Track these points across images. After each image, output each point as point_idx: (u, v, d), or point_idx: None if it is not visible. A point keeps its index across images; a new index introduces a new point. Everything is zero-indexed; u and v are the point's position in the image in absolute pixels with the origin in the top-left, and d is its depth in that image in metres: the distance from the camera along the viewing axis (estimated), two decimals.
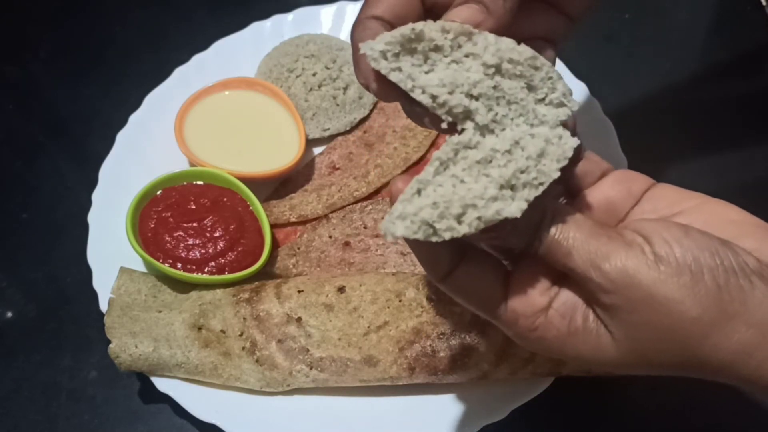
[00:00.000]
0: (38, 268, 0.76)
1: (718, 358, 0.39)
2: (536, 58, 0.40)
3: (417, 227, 0.38)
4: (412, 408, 0.63)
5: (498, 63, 0.39)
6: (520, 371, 0.61)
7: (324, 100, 0.80)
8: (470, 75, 0.39)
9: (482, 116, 0.39)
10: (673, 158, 0.79)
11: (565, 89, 0.41)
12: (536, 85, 0.40)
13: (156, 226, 0.70)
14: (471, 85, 0.39)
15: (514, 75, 0.40)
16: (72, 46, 0.93)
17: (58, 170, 0.82)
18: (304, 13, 0.88)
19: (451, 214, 0.38)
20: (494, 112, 0.40)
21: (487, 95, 0.40)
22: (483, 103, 0.40)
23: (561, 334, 0.42)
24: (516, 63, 0.40)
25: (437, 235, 0.38)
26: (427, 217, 0.38)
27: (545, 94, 0.41)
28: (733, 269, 0.39)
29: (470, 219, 0.38)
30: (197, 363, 0.63)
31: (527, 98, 0.40)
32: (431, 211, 0.38)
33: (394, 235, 0.38)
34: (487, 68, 0.40)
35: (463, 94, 0.39)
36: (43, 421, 0.67)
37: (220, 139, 0.77)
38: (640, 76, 0.86)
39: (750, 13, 0.92)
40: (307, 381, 0.63)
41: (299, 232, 0.75)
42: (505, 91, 0.40)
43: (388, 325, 0.63)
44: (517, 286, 0.42)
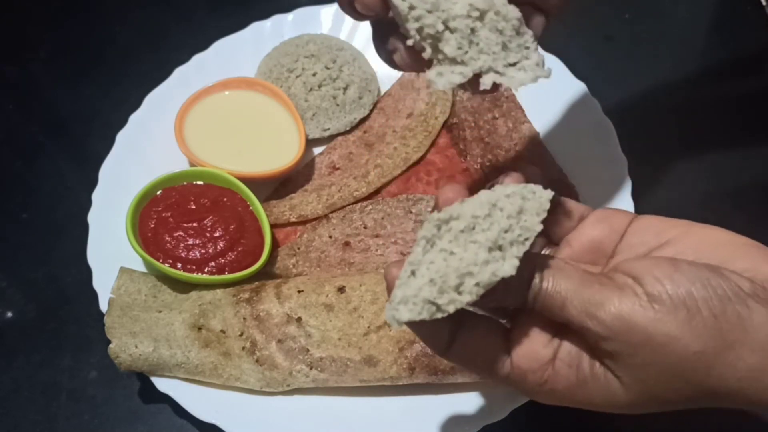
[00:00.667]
0: (38, 268, 0.76)
1: (727, 386, 0.40)
2: (522, 23, 0.40)
3: (420, 308, 0.38)
4: (412, 408, 0.63)
5: (485, 9, 0.39)
6: None
7: (324, 100, 0.80)
8: (454, 7, 0.39)
9: (450, 48, 0.39)
10: (673, 158, 0.79)
11: (539, 59, 0.40)
12: (511, 47, 0.40)
13: (156, 226, 0.70)
14: (451, 16, 0.39)
15: (494, 28, 0.40)
16: (72, 46, 0.93)
17: (58, 170, 0.82)
18: (304, 13, 0.88)
19: (450, 287, 0.38)
20: (462, 51, 0.40)
21: (462, 32, 0.39)
22: (455, 37, 0.39)
23: (571, 384, 0.42)
24: (502, 18, 0.39)
25: (441, 310, 0.38)
26: (428, 296, 0.38)
27: (516, 60, 0.40)
28: (727, 296, 0.39)
29: (469, 287, 0.38)
30: (197, 363, 0.63)
31: (498, 55, 0.40)
32: (430, 288, 0.38)
33: (400, 321, 0.38)
34: (472, 9, 0.39)
35: (440, 19, 0.39)
36: (43, 421, 0.67)
37: (220, 139, 0.77)
38: (640, 76, 0.86)
39: (750, 13, 0.92)
40: (307, 381, 0.63)
41: (299, 232, 0.75)
42: (481, 38, 0.40)
43: (388, 325, 0.63)
44: (519, 342, 0.42)
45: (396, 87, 0.83)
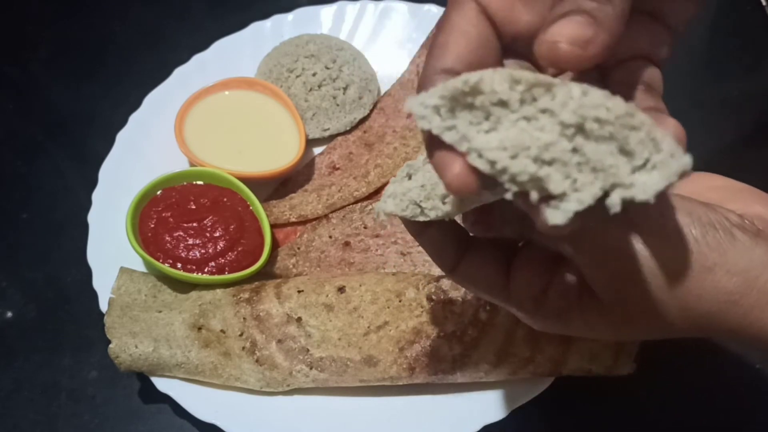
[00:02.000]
0: (38, 268, 0.75)
1: (704, 309, 0.40)
2: (633, 115, 0.31)
3: (405, 205, 0.40)
4: (412, 408, 0.63)
5: (580, 122, 0.30)
6: (520, 371, 0.61)
7: (324, 100, 0.80)
8: (542, 135, 0.31)
9: (555, 184, 0.31)
10: None
11: (671, 148, 0.31)
12: (632, 149, 0.31)
13: (156, 226, 0.70)
14: (542, 148, 0.31)
15: (601, 137, 0.31)
16: (72, 46, 0.93)
17: (57, 170, 0.82)
18: (304, 13, 0.88)
19: (437, 195, 0.39)
20: (572, 179, 0.31)
21: (562, 160, 0.31)
22: (558, 169, 0.31)
23: (563, 312, 0.43)
24: (604, 122, 0.30)
25: (424, 214, 0.40)
26: (415, 197, 0.40)
27: (645, 160, 0.31)
28: (711, 224, 0.39)
29: (454, 200, 0.39)
30: (197, 363, 0.63)
31: (619, 164, 0.31)
32: (419, 191, 0.40)
33: (384, 211, 0.40)
34: (565, 128, 0.31)
35: (529, 159, 0.31)
36: (43, 421, 0.67)
37: (220, 139, 0.77)
38: None
39: (750, 13, 0.92)
40: (307, 381, 0.63)
41: (299, 232, 0.75)
42: (589, 156, 0.31)
43: (388, 325, 0.63)
44: (517, 271, 0.44)
45: (396, 87, 0.83)
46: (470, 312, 0.62)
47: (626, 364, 0.60)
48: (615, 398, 0.64)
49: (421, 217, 0.40)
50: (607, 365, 0.60)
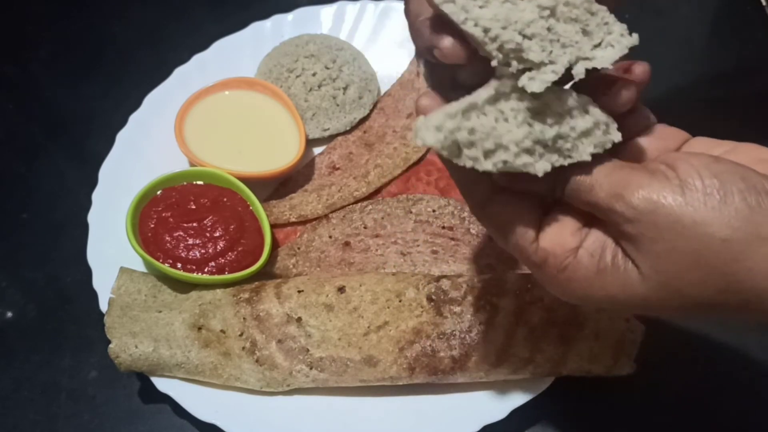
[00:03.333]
0: (38, 268, 0.75)
1: (755, 283, 0.37)
2: (591, 2, 0.39)
3: (447, 144, 0.39)
4: (412, 408, 0.63)
5: (553, 5, 0.39)
6: (520, 371, 0.61)
7: (324, 100, 0.80)
8: (524, 14, 0.38)
9: (534, 54, 0.39)
10: None
11: (621, 29, 0.40)
12: (592, 30, 0.39)
13: (156, 226, 0.70)
14: (525, 24, 0.38)
15: (569, 18, 0.39)
16: (72, 45, 0.93)
17: (57, 170, 0.82)
18: (304, 13, 0.88)
19: (482, 147, 0.39)
20: (546, 52, 0.39)
21: (540, 35, 0.39)
22: (536, 43, 0.39)
23: (589, 274, 0.41)
24: (572, 5, 0.39)
25: (460, 159, 0.39)
26: (461, 139, 0.39)
27: (601, 39, 0.40)
28: (766, 191, 0.37)
29: (497, 159, 0.39)
30: (197, 363, 0.63)
31: (581, 42, 0.39)
32: (467, 135, 0.39)
33: (424, 141, 0.39)
34: (542, 9, 0.39)
35: (516, 31, 0.38)
36: (43, 421, 0.67)
37: (220, 139, 0.77)
38: None
39: (750, 13, 0.92)
40: (307, 381, 0.63)
41: (299, 232, 0.75)
42: (560, 33, 0.39)
43: (388, 325, 0.63)
44: (549, 226, 0.42)
45: (396, 87, 0.83)
46: (470, 312, 0.62)
47: (626, 364, 0.60)
48: (615, 398, 0.64)
49: (455, 160, 0.39)
50: (607, 366, 0.60)
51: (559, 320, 0.61)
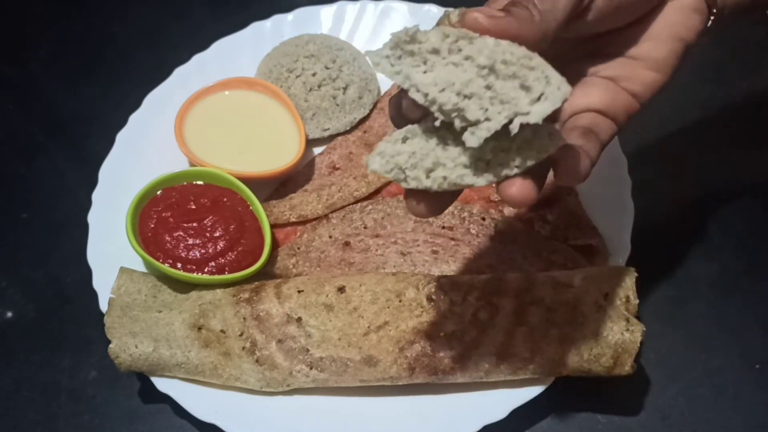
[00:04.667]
0: (38, 268, 0.76)
1: None
2: (530, 57, 0.40)
3: (390, 167, 0.42)
4: (412, 408, 0.63)
5: (491, 64, 0.40)
6: (520, 371, 0.61)
7: (324, 100, 0.80)
8: (463, 75, 0.40)
9: (472, 113, 0.40)
10: (673, 158, 0.79)
11: (558, 82, 0.40)
12: (530, 84, 0.40)
13: (156, 226, 0.70)
14: (463, 84, 0.40)
15: (507, 75, 0.40)
16: (72, 46, 0.93)
17: (58, 170, 0.82)
18: (304, 13, 0.88)
19: (423, 167, 0.42)
20: (484, 110, 0.40)
21: (479, 94, 0.40)
22: (474, 102, 0.40)
23: None
24: (509, 63, 0.40)
25: (405, 181, 0.42)
26: (402, 162, 0.42)
27: (541, 92, 0.40)
28: None
29: (437, 176, 0.42)
30: (197, 363, 0.63)
31: (520, 96, 0.40)
32: (408, 158, 0.42)
33: (371, 167, 0.43)
34: (480, 69, 0.40)
35: (453, 93, 0.40)
36: (43, 420, 0.67)
37: (220, 139, 0.77)
38: None
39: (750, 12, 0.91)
40: (307, 381, 0.63)
41: (299, 232, 0.75)
42: (498, 90, 0.40)
43: (388, 325, 0.63)
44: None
45: (396, 87, 0.83)
46: (470, 312, 0.62)
47: (626, 364, 0.60)
48: (615, 398, 0.64)
49: (402, 184, 0.43)
50: (607, 366, 0.60)
51: (559, 320, 0.61)
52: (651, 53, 0.50)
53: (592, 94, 0.50)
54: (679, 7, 0.50)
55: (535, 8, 0.43)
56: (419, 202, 0.44)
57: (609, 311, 0.61)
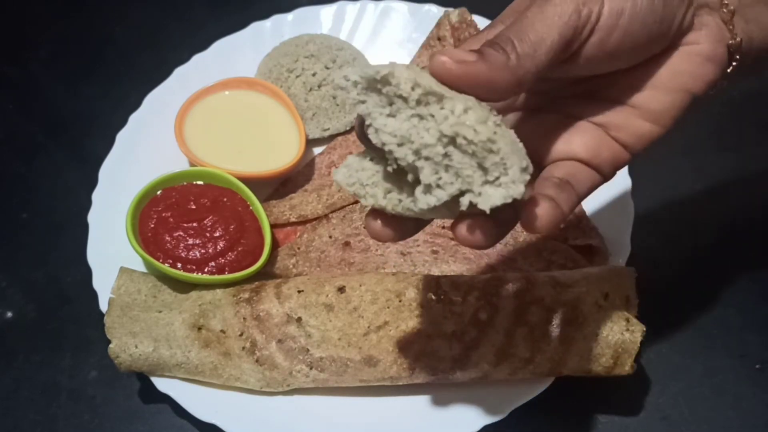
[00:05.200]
0: (38, 268, 0.76)
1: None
2: (494, 141, 0.38)
3: (353, 181, 0.42)
4: (412, 408, 0.63)
5: (453, 136, 0.38)
6: (520, 371, 0.61)
7: (324, 100, 0.80)
8: (425, 136, 0.39)
9: (426, 176, 0.39)
10: (673, 158, 0.79)
11: (516, 176, 0.38)
12: (488, 167, 0.38)
13: (156, 226, 0.70)
14: (422, 146, 0.39)
15: (467, 152, 0.38)
16: (72, 46, 0.93)
17: (57, 170, 0.82)
18: (304, 13, 0.88)
19: (382, 187, 0.42)
20: (438, 177, 0.39)
21: (435, 161, 0.39)
22: (429, 166, 0.39)
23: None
24: (471, 143, 0.38)
25: (364, 198, 0.42)
26: (364, 179, 0.42)
27: (496, 177, 0.38)
28: None
29: (393, 197, 0.41)
30: (197, 363, 0.63)
31: (475, 176, 0.39)
32: (370, 175, 0.42)
33: (334, 177, 0.43)
34: (442, 136, 0.38)
35: (410, 151, 0.39)
36: (43, 421, 0.67)
37: (220, 139, 0.77)
38: None
39: None
40: (307, 381, 0.63)
41: (299, 232, 0.75)
42: (455, 163, 0.39)
43: (388, 325, 0.63)
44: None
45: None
46: (470, 312, 0.62)
47: (626, 364, 0.60)
48: (615, 398, 0.64)
49: (361, 200, 0.42)
50: (607, 365, 0.60)
51: (559, 320, 0.61)
52: (650, 103, 0.45)
53: (575, 141, 0.46)
54: (690, 55, 0.45)
55: (514, 51, 0.39)
56: (376, 219, 0.42)
57: (609, 311, 0.61)
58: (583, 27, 0.41)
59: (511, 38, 0.40)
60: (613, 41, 0.42)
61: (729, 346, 0.67)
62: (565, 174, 0.45)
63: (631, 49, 0.43)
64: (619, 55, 0.43)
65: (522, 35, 0.40)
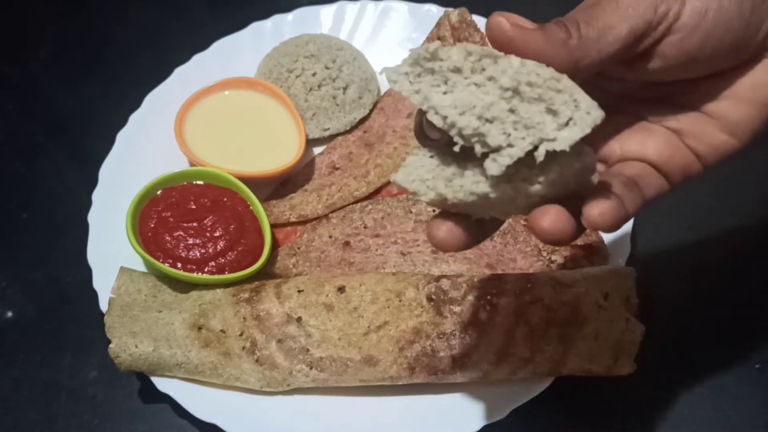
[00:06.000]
0: (38, 267, 0.75)
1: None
2: (558, 79, 0.36)
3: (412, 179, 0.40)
4: (412, 408, 0.63)
5: (515, 86, 0.36)
6: (520, 371, 0.61)
7: (324, 100, 0.80)
8: (485, 97, 0.37)
9: (493, 138, 0.37)
10: None
11: (589, 106, 0.36)
12: (557, 108, 0.36)
13: (156, 226, 0.70)
14: (484, 108, 0.37)
15: (532, 98, 0.37)
16: (72, 46, 0.93)
17: (58, 170, 0.82)
18: (304, 12, 0.88)
19: (443, 177, 0.40)
20: (507, 134, 0.37)
21: (501, 119, 0.37)
22: (496, 126, 0.37)
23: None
24: (534, 85, 0.36)
25: (426, 194, 0.40)
26: (424, 174, 0.40)
27: (569, 117, 0.36)
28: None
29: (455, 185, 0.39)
30: (197, 363, 0.63)
31: (546, 121, 0.36)
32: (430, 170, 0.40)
33: (393, 178, 0.41)
34: (504, 91, 0.37)
35: (474, 116, 0.37)
36: (43, 420, 0.67)
37: (220, 139, 0.77)
38: None
39: None
40: (307, 381, 0.63)
41: (299, 232, 0.75)
42: (522, 114, 0.37)
43: (388, 325, 0.63)
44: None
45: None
46: (470, 312, 0.62)
47: (626, 364, 0.60)
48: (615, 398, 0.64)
49: (422, 197, 0.40)
50: (607, 365, 0.60)
51: (559, 320, 0.61)
52: (728, 113, 0.43)
53: (649, 143, 0.44)
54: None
55: (577, 32, 0.38)
56: (440, 225, 0.40)
57: (609, 311, 0.61)
58: (658, 23, 0.39)
59: (578, 20, 0.38)
60: (694, 43, 0.40)
61: (729, 346, 0.67)
62: (634, 174, 0.43)
63: (712, 54, 0.40)
64: (699, 60, 0.41)
65: (590, 19, 0.38)
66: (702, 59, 0.41)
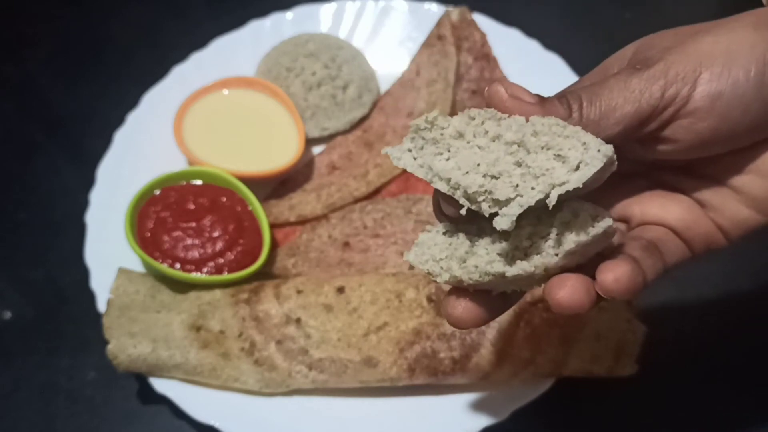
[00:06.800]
0: (36, 268, 0.75)
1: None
2: (564, 126, 0.35)
3: (425, 259, 0.39)
4: (412, 409, 0.63)
5: (520, 138, 0.35)
6: (521, 372, 0.61)
7: (323, 100, 0.80)
8: (490, 155, 0.36)
9: (501, 191, 0.36)
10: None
11: (598, 143, 0.35)
12: (566, 154, 0.35)
13: (154, 226, 0.69)
14: (489, 165, 0.36)
15: (539, 147, 0.35)
16: (70, 45, 0.93)
17: (55, 170, 0.82)
18: (303, 11, 0.88)
19: (456, 257, 0.39)
20: (515, 186, 0.36)
21: (508, 172, 0.36)
22: (503, 180, 0.36)
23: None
24: (540, 134, 0.35)
25: (440, 275, 0.39)
26: (437, 254, 0.39)
27: (578, 161, 0.35)
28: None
29: (469, 265, 0.38)
30: (196, 364, 0.63)
31: (556, 168, 0.35)
32: (443, 249, 0.39)
33: (406, 257, 0.40)
34: (509, 146, 0.36)
35: (479, 175, 0.36)
36: (42, 421, 0.67)
37: (219, 139, 0.77)
38: None
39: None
40: (307, 382, 0.63)
41: (298, 232, 0.75)
42: (530, 165, 0.35)
43: (388, 326, 0.62)
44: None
45: (396, 86, 0.83)
46: None
47: (627, 365, 0.60)
48: (616, 399, 0.64)
49: (437, 278, 0.39)
50: (608, 366, 0.60)
51: (560, 321, 0.61)
52: (752, 188, 0.41)
53: (671, 208, 0.43)
54: None
55: (579, 111, 0.37)
56: (459, 300, 0.38)
57: (610, 312, 0.61)
58: (664, 108, 0.38)
59: (582, 97, 0.37)
60: (707, 126, 0.38)
61: (729, 346, 0.67)
62: (654, 238, 0.41)
63: (730, 136, 0.39)
64: (714, 141, 0.39)
65: (594, 98, 0.37)
66: (718, 141, 0.39)
